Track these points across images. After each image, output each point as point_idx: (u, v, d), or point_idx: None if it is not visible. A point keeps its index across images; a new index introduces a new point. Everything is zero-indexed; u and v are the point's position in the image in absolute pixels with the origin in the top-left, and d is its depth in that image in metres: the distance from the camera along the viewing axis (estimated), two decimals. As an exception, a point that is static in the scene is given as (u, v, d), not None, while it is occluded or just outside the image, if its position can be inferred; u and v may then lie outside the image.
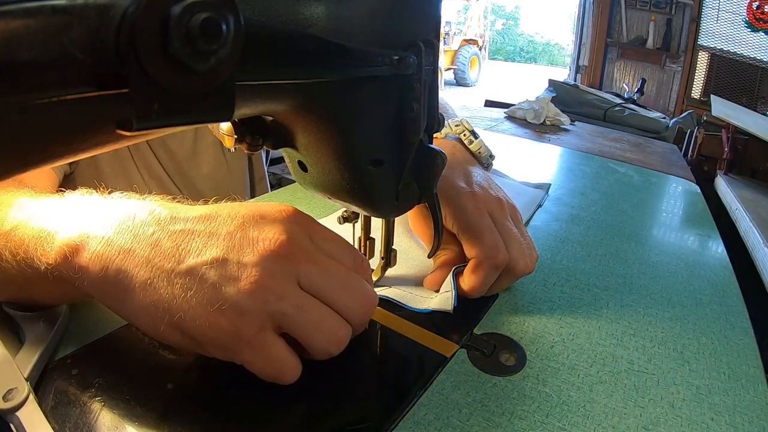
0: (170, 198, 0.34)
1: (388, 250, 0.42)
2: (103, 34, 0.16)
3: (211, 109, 0.19)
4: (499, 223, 0.43)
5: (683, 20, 3.57)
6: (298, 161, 0.35)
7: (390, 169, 0.33)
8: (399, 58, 0.27)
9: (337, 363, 0.36)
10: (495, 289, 0.44)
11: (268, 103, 0.27)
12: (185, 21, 0.16)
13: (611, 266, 0.54)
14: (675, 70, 3.69)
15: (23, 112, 0.15)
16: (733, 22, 3.23)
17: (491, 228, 0.42)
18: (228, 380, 0.33)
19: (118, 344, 0.36)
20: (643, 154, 1.15)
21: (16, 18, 0.14)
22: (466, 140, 0.54)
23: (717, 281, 0.54)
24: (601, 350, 0.40)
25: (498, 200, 0.45)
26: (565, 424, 0.32)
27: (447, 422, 0.32)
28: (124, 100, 0.17)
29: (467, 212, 0.42)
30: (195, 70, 0.17)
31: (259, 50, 0.21)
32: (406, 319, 0.41)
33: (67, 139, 0.18)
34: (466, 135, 0.54)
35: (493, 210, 0.44)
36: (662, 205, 0.82)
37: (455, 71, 9.59)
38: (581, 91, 2.72)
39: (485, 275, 0.41)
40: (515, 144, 1.11)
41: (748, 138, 1.96)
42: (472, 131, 0.54)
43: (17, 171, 0.17)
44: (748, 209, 1.54)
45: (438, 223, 0.38)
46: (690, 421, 0.33)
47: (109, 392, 0.31)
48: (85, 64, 0.16)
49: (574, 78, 4.12)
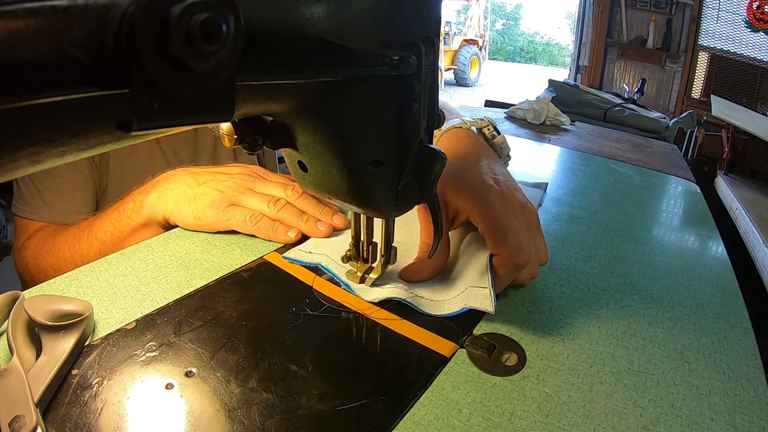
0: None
1: (388, 247, 0.42)
2: (103, 35, 0.16)
3: (211, 110, 0.20)
4: (523, 225, 0.44)
5: (683, 20, 3.57)
6: (298, 161, 0.35)
7: (390, 170, 0.33)
8: (399, 58, 0.27)
9: (337, 362, 0.36)
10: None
11: (268, 104, 0.27)
12: (185, 21, 0.16)
13: (611, 266, 0.54)
14: (675, 70, 3.68)
15: (23, 112, 0.15)
16: (734, 22, 3.23)
17: (516, 229, 0.43)
18: (228, 380, 0.33)
19: (119, 344, 0.36)
20: (643, 155, 1.15)
21: (17, 18, 0.14)
22: (489, 134, 0.54)
23: (717, 281, 0.54)
24: (601, 350, 0.40)
25: (522, 204, 0.46)
26: (565, 424, 0.32)
27: (447, 422, 0.32)
28: (125, 101, 0.17)
29: (496, 211, 0.43)
30: (195, 71, 0.17)
31: (259, 50, 0.21)
32: (407, 319, 0.41)
33: (66, 140, 0.18)
34: (489, 129, 0.55)
35: (518, 212, 0.44)
36: (662, 206, 0.82)
37: (455, 71, 9.58)
38: (581, 92, 2.72)
39: (506, 274, 0.42)
40: (515, 144, 1.11)
41: (748, 138, 1.96)
42: (495, 127, 0.56)
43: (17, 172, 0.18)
44: (748, 209, 1.54)
45: (438, 223, 0.38)
46: (690, 421, 0.33)
47: (109, 392, 0.31)
48: (86, 65, 0.16)
49: (574, 78, 4.12)
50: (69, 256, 0.59)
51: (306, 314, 0.41)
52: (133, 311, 0.40)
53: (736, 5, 3.19)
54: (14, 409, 0.27)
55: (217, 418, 0.30)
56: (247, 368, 0.34)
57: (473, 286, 0.42)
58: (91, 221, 0.60)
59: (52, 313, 0.35)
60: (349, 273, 0.45)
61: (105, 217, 0.58)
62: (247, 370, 0.34)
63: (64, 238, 0.61)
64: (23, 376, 0.29)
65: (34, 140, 0.17)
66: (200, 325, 0.38)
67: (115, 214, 0.57)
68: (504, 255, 0.42)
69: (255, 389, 0.32)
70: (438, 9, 0.31)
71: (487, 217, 0.43)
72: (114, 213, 0.57)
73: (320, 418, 0.31)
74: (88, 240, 0.58)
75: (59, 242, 0.61)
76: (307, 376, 0.34)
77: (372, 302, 0.42)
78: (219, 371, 0.34)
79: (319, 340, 0.38)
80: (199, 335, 0.37)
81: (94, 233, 0.58)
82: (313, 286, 0.45)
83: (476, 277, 0.43)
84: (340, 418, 0.31)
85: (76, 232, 0.60)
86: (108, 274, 0.45)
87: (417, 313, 0.41)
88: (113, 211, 0.57)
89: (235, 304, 0.41)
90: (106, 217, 0.58)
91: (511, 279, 0.44)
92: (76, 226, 0.62)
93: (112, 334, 0.37)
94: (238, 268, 0.47)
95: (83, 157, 0.19)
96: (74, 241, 0.60)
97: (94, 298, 0.42)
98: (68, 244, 0.60)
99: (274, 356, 0.36)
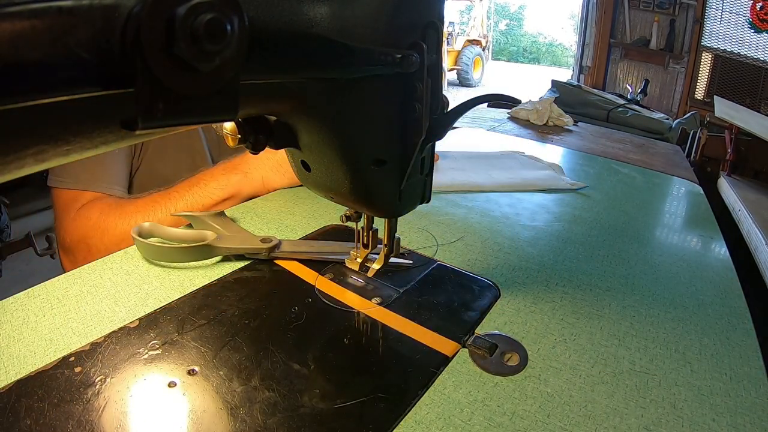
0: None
1: (392, 237, 0.41)
2: (108, 35, 0.16)
3: (215, 109, 0.20)
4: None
5: (687, 21, 3.55)
6: (301, 161, 0.35)
7: (393, 169, 0.33)
8: (401, 56, 0.27)
9: (339, 361, 0.36)
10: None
11: (272, 103, 0.27)
12: (190, 21, 0.16)
13: (614, 267, 0.54)
14: (678, 71, 3.67)
15: (29, 111, 0.15)
16: (737, 23, 3.22)
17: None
18: (230, 378, 0.33)
19: (122, 342, 0.36)
20: (646, 155, 1.15)
21: (23, 19, 0.14)
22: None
23: (719, 282, 0.53)
24: (603, 350, 0.40)
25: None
26: (566, 424, 0.32)
27: (449, 422, 0.32)
28: (130, 100, 0.17)
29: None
30: (199, 70, 0.17)
31: (263, 50, 0.21)
32: (409, 319, 0.41)
33: (72, 139, 0.18)
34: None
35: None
36: (665, 206, 0.82)
37: (458, 72, 9.57)
38: (584, 92, 2.71)
39: None
40: (518, 145, 1.11)
41: (751, 139, 1.95)
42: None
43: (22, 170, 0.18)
44: (750, 210, 1.53)
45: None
46: (691, 422, 0.33)
47: (111, 390, 0.31)
48: (91, 65, 0.16)
49: (578, 79, 4.11)
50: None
51: (308, 313, 0.41)
52: (136, 309, 0.40)
53: (739, 6, 3.18)
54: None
55: (219, 416, 0.30)
56: (249, 367, 0.34)
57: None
58: (165, 194, 0.65)
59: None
60: (349, 259, 0.44)
61: (182, 191, 0.65)
62: (249, 369, 0.34)
63: (135, 209, 0.64)
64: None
65: (40, 139, 0.17)
66: (203, 323, 0.39)
67: (195, 189, 0.65)
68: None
69: (257, 388, 0.32)
70: (441, 3, 0.31)
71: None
72: (194, 188, 0.65)
73: (322, 417, 0.31)
74: (164, 210, 0.63)
75: (129, 212, 0.64)
76: (309, 375, 0.34)
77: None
78: (221, 369, 0.34)
79: (321, 339, 0.38)
80: (202, 334, 0.37)
81: (173, 203, 0.64)
82: (315, 285, 0.45)
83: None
84: (341, 417, 0.31)
85: (148, 202, 0.65)
86: (111, 272, 0.46)
87: (419, 312, 0.41)
88: (192, 186, 0.65)
89: (237, 302, 0.41)
90: (183, 191, 0.65)
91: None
92: (147, 198, 0.66)
93: (115, 332, 0.37)
94: (241, 267, 0.47)
95: (87, 156, 0.20)
96: (148, 210, 0.64)
97: (98, 297, 0.42)
98: (141, 214, 0.63)
99: (277, 355, 0.36)
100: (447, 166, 0.85)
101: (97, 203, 0.67)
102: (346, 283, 0.46)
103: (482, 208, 0.68)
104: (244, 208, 0.62)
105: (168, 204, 0.64)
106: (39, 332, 0.37)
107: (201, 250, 0.47)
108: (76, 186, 0.67)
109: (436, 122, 0.33)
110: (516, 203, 0.72)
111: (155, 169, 0.76)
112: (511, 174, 0.84)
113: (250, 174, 0.66)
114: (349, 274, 0.47)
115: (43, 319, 0.39)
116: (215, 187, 0.65)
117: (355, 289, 0.45)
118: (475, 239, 0.58)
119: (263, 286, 0.44)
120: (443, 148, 0.96)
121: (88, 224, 0.65)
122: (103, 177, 0.69)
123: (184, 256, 0.47)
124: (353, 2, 0.27)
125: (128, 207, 0.65)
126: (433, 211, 0.65)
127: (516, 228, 0.63)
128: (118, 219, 0.64)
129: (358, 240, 0.42)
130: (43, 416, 0.29)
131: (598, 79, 4.01)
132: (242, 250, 0.48)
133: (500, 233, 0.60)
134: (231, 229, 0.51)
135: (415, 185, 0.36)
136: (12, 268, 1.87)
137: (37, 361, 0.34)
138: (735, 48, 3.27)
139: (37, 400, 0.30)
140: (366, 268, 0.42)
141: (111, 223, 0.64)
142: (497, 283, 0.48)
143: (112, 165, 0.72)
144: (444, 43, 0.47)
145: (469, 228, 0.61)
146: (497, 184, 0.79)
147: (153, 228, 0.50)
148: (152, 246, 0.47)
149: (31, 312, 0.40)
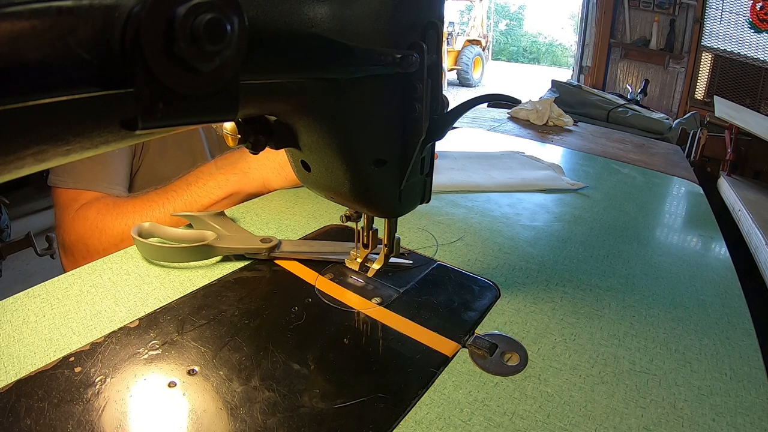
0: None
1: (392, 237, 0.41)
2: (108, 35, 0.16)
3: (215, 109, 0.20)
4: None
5: (687, 21, 3.55)
6: (301, 161, 0.35)
7: (393, 170, 0.33)
8: (401, 56, 0.27)
9: (339, 361, 0.36)
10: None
11: (272, 103, 0.27)
12: (190, 21, 0.16)
13: (613, 267, 0.54)
14: (678, 71, 3.67)
15: (29, 111, 0.15)
16: (737, 23, 3.21)
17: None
18: (230, 378, 0.33)
19: (122, 342, 0.36)
20: (646, 155, 1.15)
21: (23, 19, 0.14)
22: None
23: (719, 282, 0.53)
24: (603, 350, 0.40)
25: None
26: (566, 424, 0.32)
27: (448, 422, 0.32)
28: (130, 100, 0.17)
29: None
30: (199, 70, 0.17)
31: (262, 50, 0.21)
32: (409, 319, 0.41)
33: (72, 139, 0.18)
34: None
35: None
36: (665, 206, 0.82)
37: (458, 72, 9.56)
38: (584, 92, 2.71)
39: None
40: (518, 145, 1.11)
41: (751, 139, 1.95)
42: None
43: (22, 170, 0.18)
44: (750, 210, 1.53)
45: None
46: (691, 422, 0.33)
47: (111, 389, 0.31)
48: (91, 65, 0.16)
49: (578, 79, 4.11)
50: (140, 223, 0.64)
51: (308, 313, 0.41)
52: (136, 309, 0.40)
53: (739, 6, 3.18)
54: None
55: (219, 416, 0.30)
56: (249, 367, 0.34)
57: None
58: (162, 193, 0.65)
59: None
60: (349, 259, 0.44)
61: (179, 190, 0.64)
62: (249, 369, 0.34)
63: (132, 208, 0.64)
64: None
65: (40, 139, 0.17)
66: (203, 323, 0.39)
67: (193, 188, 0.64)
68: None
69: (257, 388, 0.33)
70: (441, 3, 0.31)
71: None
72: (191, 187, 0.64)
73: (322, 417, 0.31)
74: (162, 209, 0.63)
75: (126, 212, 0.64)
76: (309, 375, 0.34)
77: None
78: (221, 370, 0.34)
79: (321, 339, 0.38)
80: (202, 334, 0.37)
81: (170, 202, 0.63)
82: (315, 285, 0.45)
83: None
84: (341, 417, 0.31)
85: (145, 201, 0.64)
86: (111, 272, 0.46)
87: (419, 312, 0.41)
88: (189, 185, 0.65)
89: (237, 302, 0.41)
90: (181, 190, 0.64)
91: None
92: (144, 197, 0.65)
93: (115, 332, 0.37)
94: (241, 267, 0.47)
95: (87, 156, 0.20)
96: (145, 209, 0.63)
97: (98, 297, 0.42)
98: (138, 214, 0.63)
99: (276, 355, 0.36)
100: (447, 166, 0.85)
101: (96, 203, 0.67)
102: (346, 283, 0.46)
103: (482, 208, 0.68)
104: (244, 208, 0.62)
105: (166, 203, 0.63)
106: (39, 332, 0.37)
107: (201, 250, 0.47)
108: (77, 185, 0.67)
109: (436, 122, 0.33)
110: (516, 203, 0.72)
111: (156, 170, 0.75)
112: (511, 174, 0.84)
113: (250, 174, 0.66)
114: (349, 274, 0.47)
115: (43, 319, 0.39)
116: (214, 186, 0.65)
117: (355, 289, 0.45)
118: (475, 239, 0.58)
119: (263, 286, 0.44)
120: (443, 148, 0.96)
121: (86, 224, 0.65)
122: (103, 177, 0.69)
123: (184, 256, 0.47)
124: (353, 2, 0.27)
125: (125, 206, 0.65)
126: (433, 211, 0.65)
127: (516, 228, 0.63)
128: (116, 218, 0.64)
129: (358, 240, 0.42)
130: (43, 416, 0.29)
131: (598, 79, 4.01)
132: (242, 250, 0.48)
133: (500, 233, 0.60)
134: (231, 229, 0.51)
135: (415, 185, 0.36)
136: (12, 268, 1.87)
137: (37, 361, 0.34)
138: (735, 48, 3.27)
139: (37, 400, 0.30)
140: (366, 268, 0.42)
141: (108, 223, 0.64)
142: (497, 283, 0.48)
143: (113, 165, 0.71)
144: (444, 43, 0.48)
145: (469, 228, 0.61)
146: (497, 184, 0.79)
147: (153, 228, 0.50)
148: (152, 246, 0.47)
149: (31, 312, 0.40)
